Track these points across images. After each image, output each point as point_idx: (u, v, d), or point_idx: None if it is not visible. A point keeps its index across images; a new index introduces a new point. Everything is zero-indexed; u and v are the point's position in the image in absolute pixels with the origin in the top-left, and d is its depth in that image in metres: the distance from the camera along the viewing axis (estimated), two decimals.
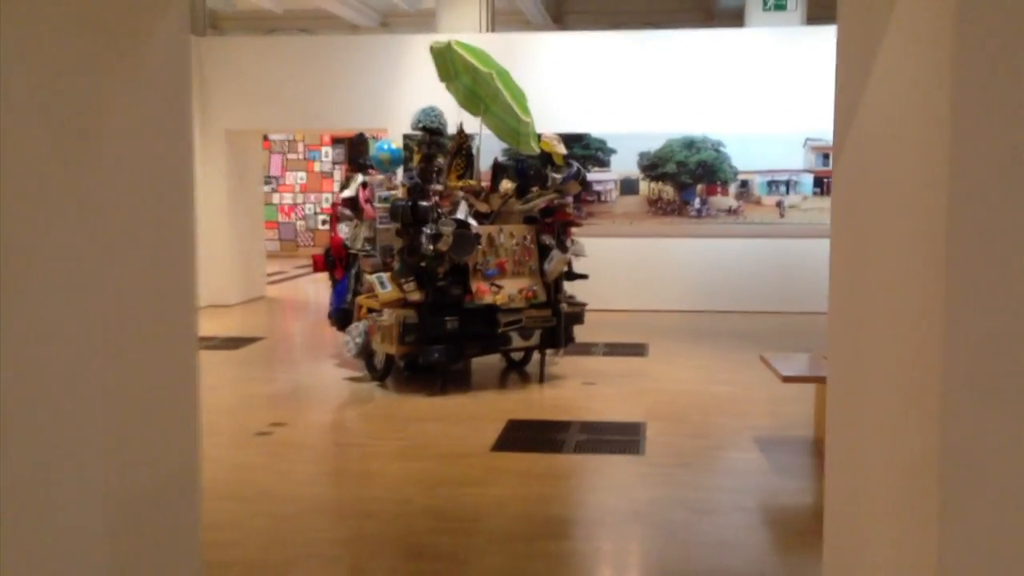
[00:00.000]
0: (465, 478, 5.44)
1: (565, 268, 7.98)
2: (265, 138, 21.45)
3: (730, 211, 12.24)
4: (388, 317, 7.55)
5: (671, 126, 12.23)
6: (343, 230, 8.54)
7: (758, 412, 7.02)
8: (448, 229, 7.33)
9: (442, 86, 8.70)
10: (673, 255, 12.35)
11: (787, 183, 12.12)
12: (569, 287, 8.14)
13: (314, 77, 12.75)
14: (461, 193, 8.26)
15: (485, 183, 8.61)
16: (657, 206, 12.37)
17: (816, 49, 12.01)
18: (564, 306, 7.94)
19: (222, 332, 10.73)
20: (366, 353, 7.96)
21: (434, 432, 6.42)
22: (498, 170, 8.70)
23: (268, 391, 7.70)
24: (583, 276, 8.20)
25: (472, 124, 8.61)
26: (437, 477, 5.46)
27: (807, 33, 12.28)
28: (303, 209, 21.13)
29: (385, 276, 7.74)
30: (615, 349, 9.56)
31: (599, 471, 5.62)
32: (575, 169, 7.97)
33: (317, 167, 20.97)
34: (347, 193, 8.44)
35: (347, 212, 8.49)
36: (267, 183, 21.57)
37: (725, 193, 12.26)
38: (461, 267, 7.57)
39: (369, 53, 12.73)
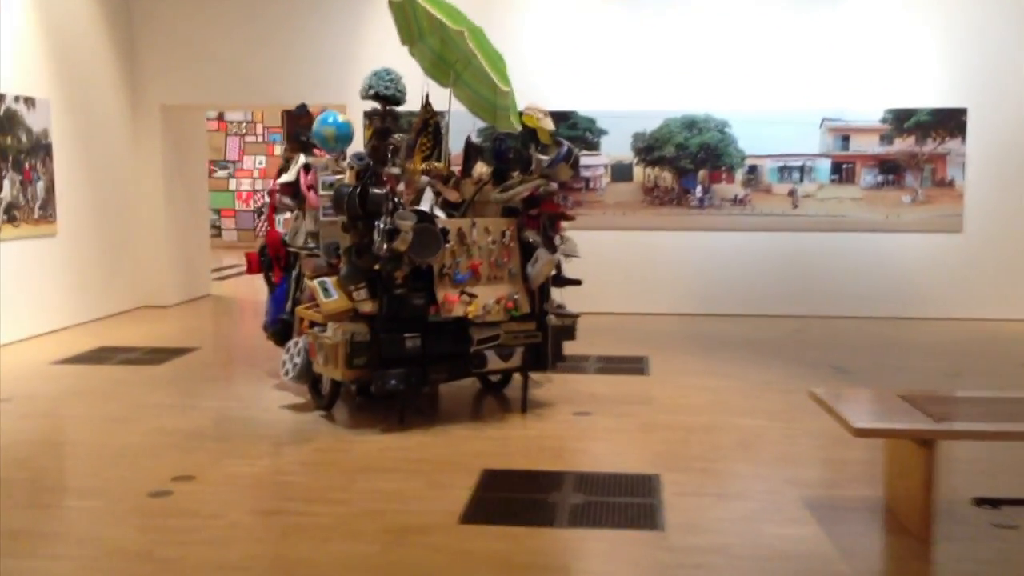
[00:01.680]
0: (423, 572, 3.95)
1: (553, 272, 6.48)
2: (221, 118, 19.85)
3: (736, 201, 10.78)
4: (333, 333, 6.03)
5: (669, 104, 10.75)
6: (281, 223, 7.01)
7: (800, 457, 5.56)
8: (407, 223, 5.81)
9: (408, 52, 7.18)
10: (672, 251, 10.87)
11: (801, 169, 10.67)
12: (558, 295, 6.64)
13: (262, 43, 11.15)
14: (425, 179, 6.77)
15: (456, 167, 7.11)
16: (653, 195, 10.90)
17: (834, 17, 10.57)
18: (552, 318, 6.44)
19: (148, 341, 9.17)
20: (308, 376, 6.45)
21: (387, 490, 4.92)
22: (471, 151, 7.21)
23: (184, 425, 6.16)
24: (576, 282, 6.69)
25: (440, 96, 7.09)
26: (384, 569, 3.96)
27: None
28: (263, 196, 19.52)
29: (330, 281, 6.22)
30: (610, 365, 8.08)
31: (606, 559, 4.14)
32: (565, 149, 6.47)
33: (278, 150, 19.35)
34: (286, 178, 6.90)
35: (286, 201, 6.96)
36: (224, 168, 19.98)
37: (731, 180, 10.79)
38: (424, 271, 6.06)
39: (326, 14, 11.15)
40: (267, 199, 7.02)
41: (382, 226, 5.79)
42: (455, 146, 7.30)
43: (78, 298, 10.10)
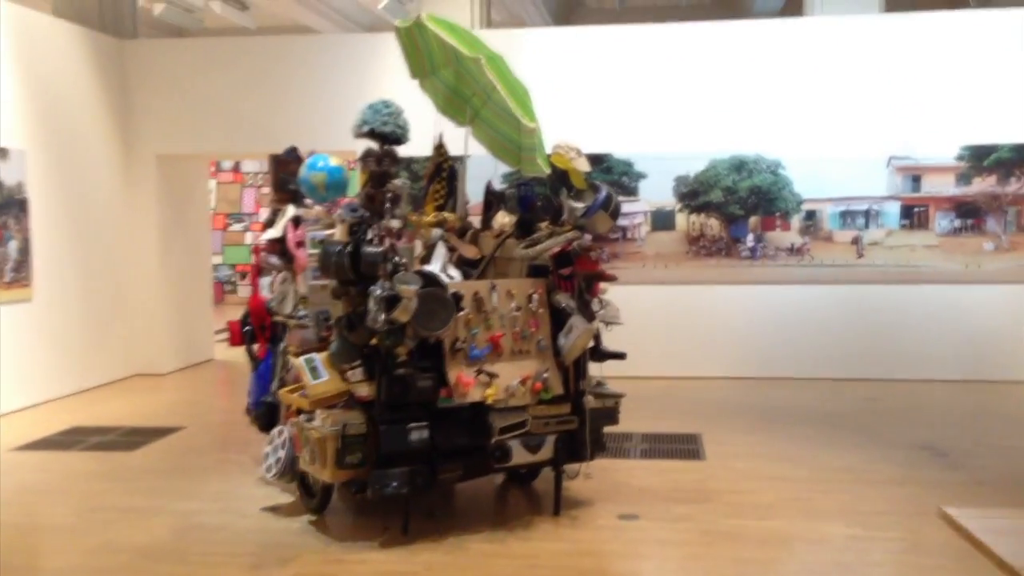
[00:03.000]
0: None
1: (591, 344, 5.32)
2: (236, 169, 19.03)
3: (793, 250, 9.59)
4: (321, 424, 4.90)
5: (716, 144, 9.63)
6: (266, 287, 5.93)
7: None
8: (410, 288, 4.70)
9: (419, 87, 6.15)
10: (720, 307, 9.68)
11: (866, 214, 9.47)
12: (596, 370, 5.48)
13: (266, 89, 10.19)
14: (438, 232, 5.68)
15: (476, 218, 6.05)
16: (699, 245, 9.74)
17: (900, 43, 9.42)
18: (590, 400, 5.27)
19: (130, 418, 8.09)
20: (294, 473, 5.31)
21: None
22: (492, 200, 6.13)
23: (139, 539, 5.03)
24: (619, 355, 5.51)
25: (456, 137, 6.04)
26: None
27: (888, 23, 9.68)
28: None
29: (319, 359, 5.12)
30: (658, 445, 6.87)
31: None
32: (604, 195, 5.34)
33: None
34: (272, 233, 5.83)
35: (272, 261, 5.88)
36: (239, 221, 19.09)
37: (786, 227, 9.61)
38: (432, 346, 4.94)
39: (336, 55, 10.19)
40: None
41: (379, 292, 4.68)
42: (473, 194, 6.26)
43: (58, 369, 9.05)
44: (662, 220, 9.78)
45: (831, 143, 9.41)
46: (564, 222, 5.49)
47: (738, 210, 9.64)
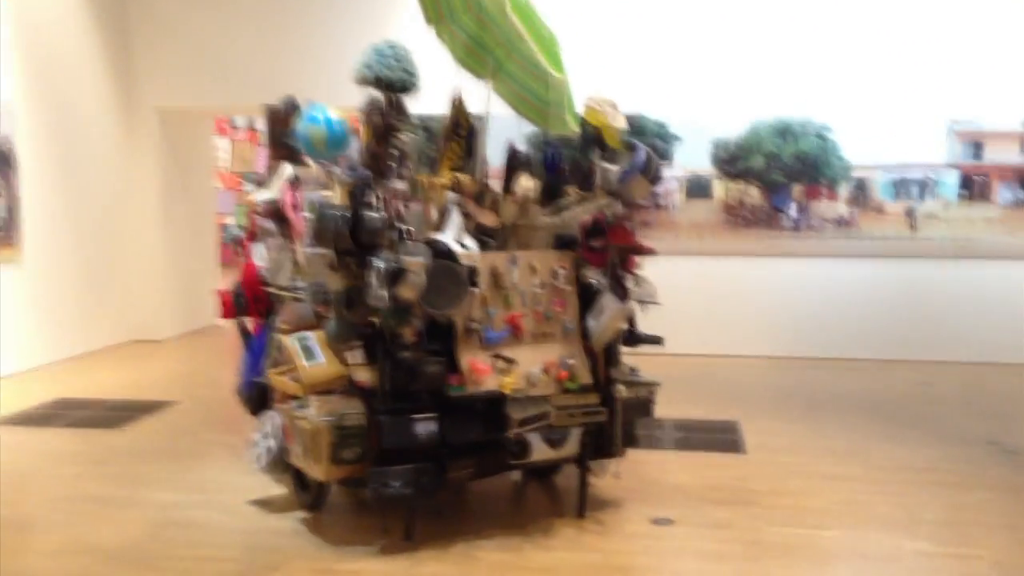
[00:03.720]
0: None
1: (624, 326, 4.67)
2: (252, 128, 18.36)
3: (840, 222, 8.88)
4: (315, 413, 4.29)
5: (758, 106, 8.89)
6: (260, 255, 5.30)
7: None
8: (417, 261, 4.07)
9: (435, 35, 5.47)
10: (759, 282, 8.99)
11: (921, 183, 8.74)
12: (630, 357, 4.82)
13: (276, 39, 9.53)
14: (452, 196, 5.04)
15: (496, 182, 5.40)
16: (738, 215, 9.04)
17: None
18: (621, 389, 4.62)
19: (121, 390, 7.54)
20: (286, 465, 4.71)
21: None
22: (514, 162, 5.46)
23: (108, 538, 4.46)
24: (655, 340, 4.86)
25: (477, 92, 5.37)
26: None
27: None
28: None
29: (313, 338, 4.50)
30: (693, 435, 6.24)
31: None
32: (642, 156, 4.65)
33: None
34: (266, 195, 5.18)
35: (267, 226, 5.24)
36: (253, 182, 18.43)
37: (833, 197, 8.89)
38: (442, 327, 4.31)
39: (348, 2, 9.49)
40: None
41: (381, 265, 4.04)
42: (494, 156, 5.60)
43: (48, 334, 8.51)
44: (698, 188, 9.08)
45: (885, 106, 8.66)
46: (596, 188, 4.82)
47: (781, 178, 8.93)
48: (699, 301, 8.91)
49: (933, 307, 8.70)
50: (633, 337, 4.76)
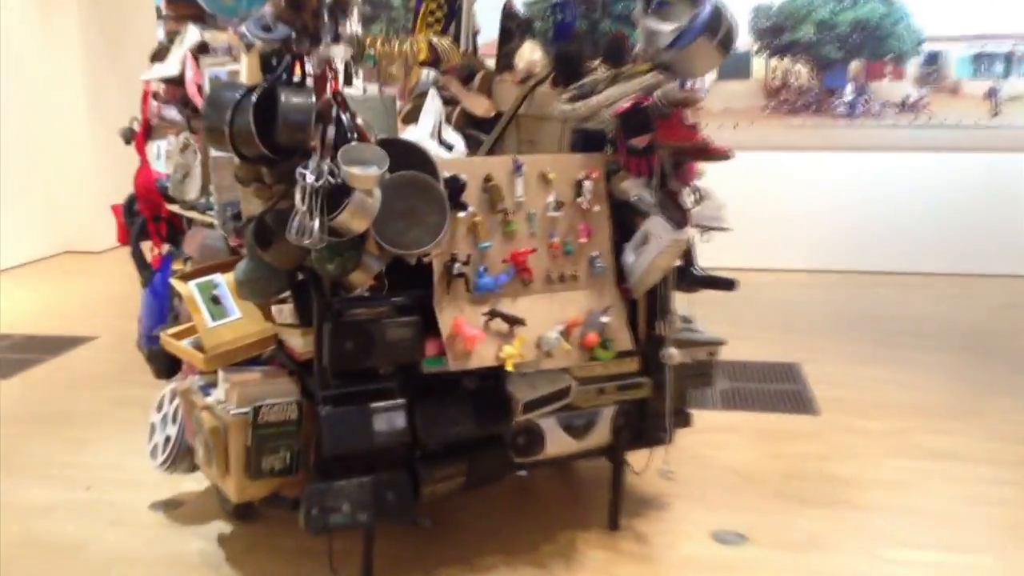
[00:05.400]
0: None
1: (678, 262, 3.20)
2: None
3: (906, 106, 7.33)
4: (222, 400, 2.87)
5: None
6: (159, 154, 3.81)
7: None
8: (367, 173, 2.57)
9: None
10: (807, 178, 7.48)
11: (1007, 58, 7.16)
12: (684, 303, 3.36)
13: None
14: (429, 75, 3.59)
15: (489, 58, 3.95)
16: (781, 98, 7.49)
17: None
18: (673, 353, 3.17)
19: (31, 318, 6.18)
20: (193, 462, 3.30)
21: None
22: (512, 28, 3.99)
23: None
24: (726, 284, 3.39)
25: None
26: None
27: None
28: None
29: (224, 283, 3.06)
30: (747, 385, 4.86)
31: None
32: (708, 10, 3.08)
33: None
34: (162, 70, 3.64)
35: (170, 115, 3.72)
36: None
37: (898, 75, 7.32)
38: (412, 268, 2.84)
39: None
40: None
41: (311, 179, 2.54)
42: (486, 22, 4.14)
43: None
44: (733, 65, 7.47)
45: None
46: (633, 60, 3.30)
47: (835, 52, 7.33)
48: (734, 203, 7.38)
49: (1017, 208, 7.21)
50: (690, 277, 3.30)
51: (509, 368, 2.84)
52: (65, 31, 8.14)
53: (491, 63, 4.01)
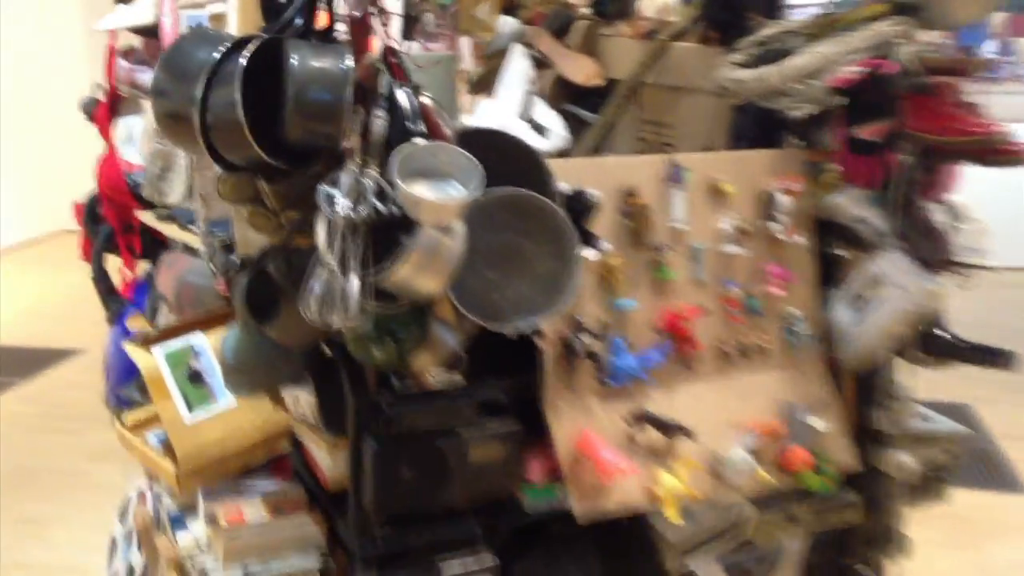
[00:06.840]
0: None
1: (920, 327, 2.02)
2: None
3: None
4: (205, 551, 1.76)
5: None
6: (131, 137, 2.70)
7: None
8: (451, 198, 1.41)
9: None
10: None
11: None
12: (930, 382, 2.19)
13: None
14: (510, 23, 2.43)
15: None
16: None
17: None
18: (904, 461, 2.01)
19: (12, 318, 5.13)
20: None
21: None
22: None
23: None
24: (999, 357, 2.19)
25: None
26: None
27: None
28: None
29: (209, 351, 1.94)
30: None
31: None
32: None
33: None
34: (130, 16, 2.52)
35: (145, 79, 2.60)
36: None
37: None
38: (507, 341, 1.69)
39: None
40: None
41: (344, 203, 1.40)
42: None
43: None
44: None
45: None
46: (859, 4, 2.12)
47: None
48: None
49: None
50: (943, 346, 2.12)
51: (673, 518, 1.72)
52: (64, 2, 7.17)
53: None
